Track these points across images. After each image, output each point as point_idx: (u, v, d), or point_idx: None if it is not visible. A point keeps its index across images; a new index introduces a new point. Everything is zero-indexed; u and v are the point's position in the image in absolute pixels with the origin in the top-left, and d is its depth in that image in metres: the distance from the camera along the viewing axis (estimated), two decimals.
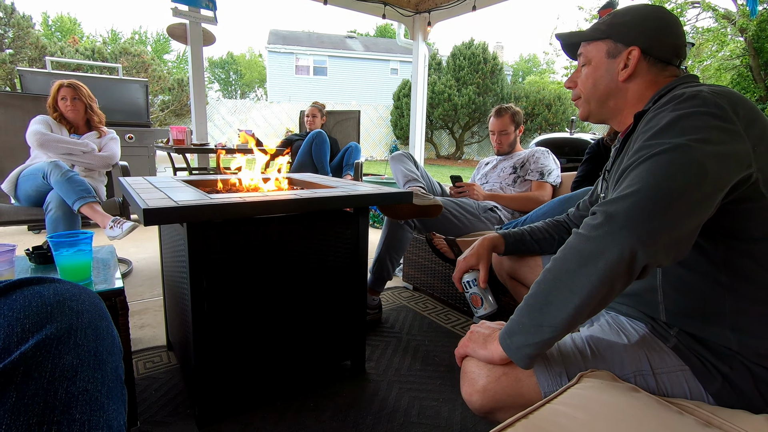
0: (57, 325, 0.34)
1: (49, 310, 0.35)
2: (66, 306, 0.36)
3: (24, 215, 2.05)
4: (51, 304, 0.35)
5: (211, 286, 1.09)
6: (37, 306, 0.34)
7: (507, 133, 2.14)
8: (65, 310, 0.36)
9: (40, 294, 0.36)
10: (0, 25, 11.28)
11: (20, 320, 0.33)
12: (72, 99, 2.24)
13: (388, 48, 20.59)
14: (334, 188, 1.37)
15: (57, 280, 0.40)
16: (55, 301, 0.36)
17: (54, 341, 0.33)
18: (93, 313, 0.38)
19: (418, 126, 4.52)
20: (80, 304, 0.38)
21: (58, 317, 0.35)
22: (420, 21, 4.36)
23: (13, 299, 0.34)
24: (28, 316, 0.33)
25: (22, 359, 0.31)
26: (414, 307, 2.03)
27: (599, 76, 0.84)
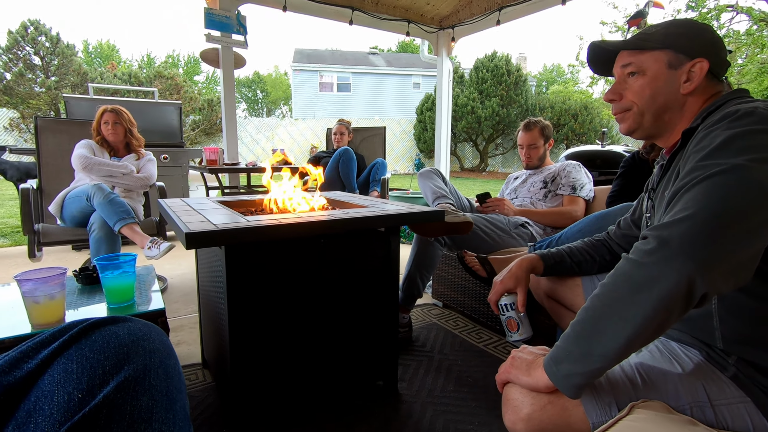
0: (133, 366, 0.35)
1: (125, 351, 0.36)
2: (140, 346, 0.38)
3: (69, 235, 2.15)
4: (127, 344, 0.37)
5: (248, 306, 1.11)
6: (114, 347, 0.36)
7: (536, 147, 2.11)
8: (139, 350, 0.37)
9: (116, 334, 0.37)
10: (46, 54, 12.04)
11: (101, 362, 0.34)
12: (113, 123, 2.36)
13: (411, 63, 20.80)
14: (366, 207, 1.38)
15: (129, 319, 0.41)
16: (130, 342, 0.37)
17: (131, 383, 0.34)
18: (163, 352, 0.39)
19: (444, 140, 4.52)
20: (152, 343, 0.39)
21: (134, 358, 0.36)
22: (444, 37, 4.39)
23: (93, 340, 0.36)
24: (107, 357, 0.34)
25: (105, 402, 0.32)
26: (444, 325, 2.00)
27: (658, 87, 0.80)
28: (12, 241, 3.88)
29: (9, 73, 11.71)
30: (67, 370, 0.33)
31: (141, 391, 0.34)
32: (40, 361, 0.35)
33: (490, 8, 3.81)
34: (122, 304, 1.09)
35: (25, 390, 0.33)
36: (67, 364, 0.34)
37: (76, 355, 0.34)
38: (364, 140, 3.77)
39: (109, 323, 0.39)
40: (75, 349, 0.35)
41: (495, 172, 15.25)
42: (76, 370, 0.33)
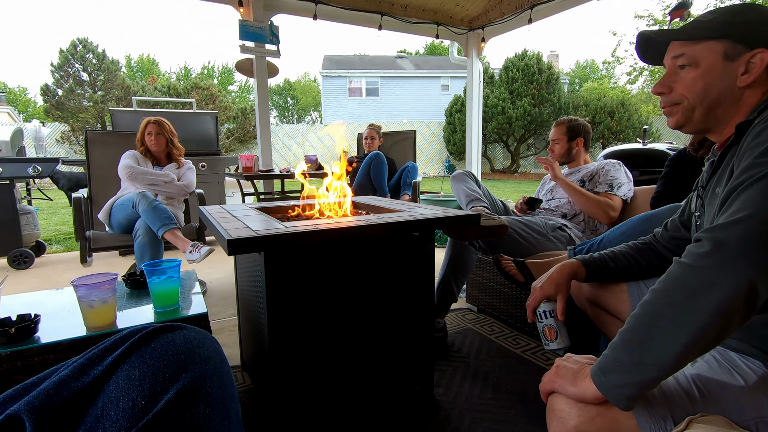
0: (191, 373, 0.36)
1: (182, 358, 0.37)
2: (195, 354, 0.39)
3: (117, 241, 2.26)
4: (183, 352, 0.38)
5: (287, 310, 1.13)
6: (172, 354, 0.37)
7: (558, 142, 2.09)
8: (195, 358, 0.38)
9: (173, 342, 0.39)
10: (93, 70, 12.79)
11: (160, 369, 0.35)
12: (156, 134, 2.47)
13: (439, 65, 20.71)
14: (400, 212, 1.38)
15: (184, 326, 0.43)
16: (186, 349, 0.38)
17: (190, 390, 0.35)
18: (217, 360, 0.41)
19: (475, 142, 4.46)
20: (206, 351, 0.40)
21: (191, 365, 0.37)
22: (473, 38, 4.35)
23: (152, 348, 0.38)
24: (166, 365, 0.36)
25: (166, 410, 0.33)
26: (480, 330, 1.96)
27: (712, 80, 0.76)
28: (65, 247, 4.13)
29: (61, 89, 12.51)
30: (130, 377, 0.35)
31: (198, 399, 0.35)
32: (105, 367, 0.36)
33: (521, 7, 3.74)
34: (168, 308, 1.14)
35: (93, 395, 0.35)
36: (129, 371, 0.35)
37: (137, 362, 0.36)
38: (395, 144, 3.77)
39: (166, 331, 0.40)
40: (136, 356, 0.36)
41: (527, 173, 14.91)
42: (138, 377, 0.34)
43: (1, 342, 0.93)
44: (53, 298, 1.30)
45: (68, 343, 0.97)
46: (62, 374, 0.36)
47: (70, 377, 0.36)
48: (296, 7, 3.45)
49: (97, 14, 57.73)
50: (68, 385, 0.35)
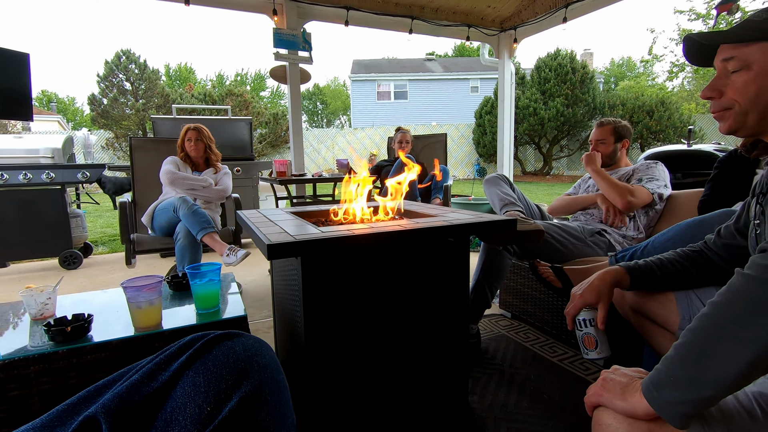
0: (251, 381, 0.37)
1: (242, 366, 0.38)
2: (254, 362, 0.40)
3: (159, 244, 2.36)
4: (243, 359, 0.39)
5: (322, 314, 1.14)
6: (233, 362, 0.38)
7: (604, 142, 1.99)
8: (254, 365, 0.39)
9: (233, 349, 0.40)
10: (136, 80, 13.43)
11: (223, 376, 0.36)
12: (195, 140, 2.56)
13: (468, 67, 20.52)
14: (434, 217, 1.37)
15: (242, 334, 0.44)
16: (245, 357, 0.40)
17: (251, 398, 0.36)
18: (273, 368, 0.42)
19: (506, 144, 4.39)
20: (264, 359, 0.41)
21: (251, 373, 0.38)
22: (505, 39, 4.29)
23: (214, 355, 0.39)
24: (228, 372, 0.37)
25: (231, 417, 0.34)
26: (514, 337, 1.92)
27: (766, 83, 0.72)
28: (110, 248, 4.34)
29: (106, 98, 13.21)
30: (196, 384, 0.36)
31: (259, 407, 0.36)
32: (172, 373, 0.38)
33: (555, 6, 3.66)
34: (209, 309, 1.17)
35: (162, 400, 0.37)
36: (194, 378, 0.37)
37: (201, 369, 0.37)
38: (425, 147, 3.76)
39: (226, 338, 0.41)
40: (200, 363, 0.38)
41: (560, 175, 14.52)
42: (203, 384, 0.36)
43: (58, 340, 0.99)
44: (102, 298, 1.37)
45: (118, 342, 1.01)
46: (133, 379, 0.38)
47: (141, 382, 0.37)
48: (328, 14, 3.50)
49: (140, 26, 60.66)
50: (139, 389, 0.37)
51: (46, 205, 3.44)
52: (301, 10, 3.39)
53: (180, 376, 0.38)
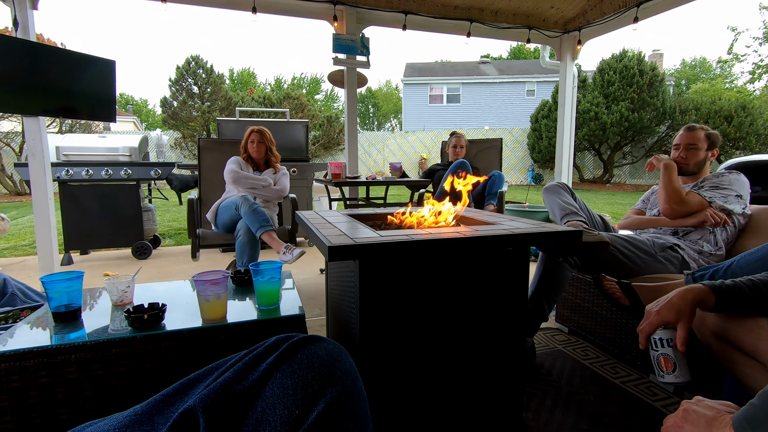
0: (336, 388, 0.38)
1: (327, 371, 0.39)
2: (337, 368, 0.41)
3: (221, 239, 2.49)
4: (326, 364, 0.40)
5: (378, 317, 1.15)
6: (318, 367, 0.39)
7: (696, 148, 1.82)
8: (337, 372, 0.40)
9: (316, 354, 0.41)
10: (202, 84, 14.32)
11: (309, 380, 0.38)
12: (258, 142, 2.68)
13: (525, 69, 19.93)
14: (493, 225, 1.34)
15: (323, 339, 0.45)
16: (328, 362, 0.41)
17: (336, 405, 0.37)
18: (353, 375, 0.42)
19: (566, 150, 4.21)
20: (344, 365, 0.42)
21: (335, 379, 0.39)
22: (568, 41, 4.11)
23: (300, 358, 0.40)
24: (314, 377, 0.38)
25: (319, 421, 0.35)
26: (572, 354, 1.83)
27: None
28: (175, 241, 4.65)
29: (176, 101, 14.19)
30: (284, 386, 0.37)
31: (343, 414, 0.36)
32: (261, 373, 0.40)
33: (625, 5, 3.46)
34: (269, 306, 1.22)
35: (252, 399, 0.38)
36: (283, 380, 0.38)
37: (288, 371, 0.38)
38: (480, 152, 3.69)
39: (309, 342, 0.43)
40: (287, 365, 0.39)
41: (621, 184, 13.68)
42: (291, 386, 0.37)
43: (136, 326, 1.07)
44: (170, 288, 1.47)
45: (188, 332, 1.08)
46: (226, 376, 0.40)
47: (233, 380, 0.39)
48: (387, 19, 3.54)
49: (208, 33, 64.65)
50: (232, 387, 0.39)
51: (123, 199, 3.75)
52: (360, 15, 3.45)
53: (269, 377, 0.39)
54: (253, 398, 0.38)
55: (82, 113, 3.44)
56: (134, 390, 1.06)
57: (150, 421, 0.39)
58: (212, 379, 0.41)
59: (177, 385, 0.43)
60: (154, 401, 0.42)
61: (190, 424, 0.37)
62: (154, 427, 0.39)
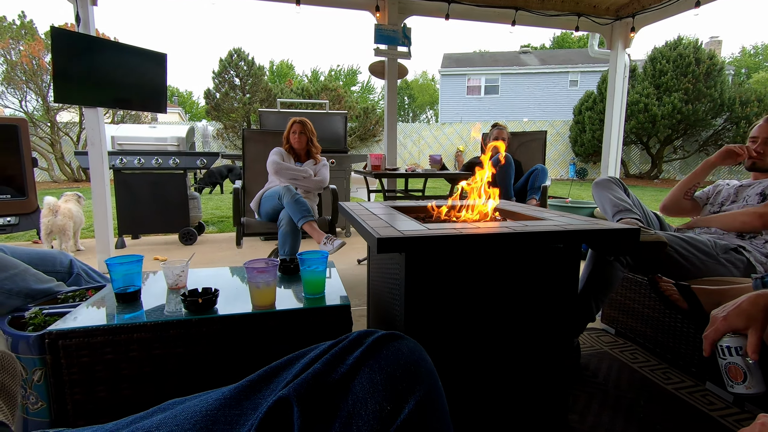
0: (423, 386, 0.38)
1: (412, 369, 0.39)
2: (421, 366, 0.41)
3: (264, 228, 2.56)
4: (412, 362, 0.40)
5: (423, 311, 1.14)
6: (404, 364, 0.39)
7: None
8: (421, 371, 0.40)
9: (400, 351, 0.41)
10: (244, 76, 14.69)
11: (397, 377, 0.38)
12: (300, 133, 2.73)
13: (568, 59, 19.16)
14: (542, 220, 1.30)
15: (403, 336, 0.45)
16: (413, 360, 0.41)
17: (424, 403, 0.37)
18: (434, 373, 0.42)
19: (614, 144, 4.02)
20: (427, 364, 0.42)
21: (421, 377, 0.39)
22: (620, 28, 3.90)
23: (385, 355, 0.40)
24: (402, 374, 0.38)
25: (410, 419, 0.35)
26: (619, 356, 1.76)
27: None
28: (218, 228, 4.83)
29: (218, 93, 14.64)
30: (373, 381, 0.38)
31: (431, 412, 0.36)
32: (349, 367, 0.40)
33: None
34: (316, 295, 1.24)
35: (343, 391, 0.39)
36: (371, 375, 0.38)
37: (377, 366, 0.39)
38: (522, 145, 3.59)
39: (392, 339, 0.43)
40: (374, 361, 0.39)
41: (671, 180, 12.96)
42: (380, 382, 0.37)
43: (191, 309, 1.12)
44: (218, 275, 1.52)
45: (239, 317, 1.11)
46: (316, 368, 0.41)
47: (323, 372, 0.40)
48: (429, 9, 3.48)
49: (250, 25, 66.14)
50: (322, 378, 0.40)
51: (171, 187, 3.93)
52: (402, 5, 3.41)
53: (357, 371, 0.40)
54: (343, 391, 0.39)
55: (134, 104, 3.61)
56: (189, 370, 1.10)
57: (239, 406, 0.41)
58: (299, 368, 0.42)
59: (262, 372, 0.44)
60: (242, 386, 0.43)
61: (283, 412, 0.38)
62: (243, 412, 0.40)
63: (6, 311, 1.22)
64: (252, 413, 0.39)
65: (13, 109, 11.50)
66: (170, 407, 0.44)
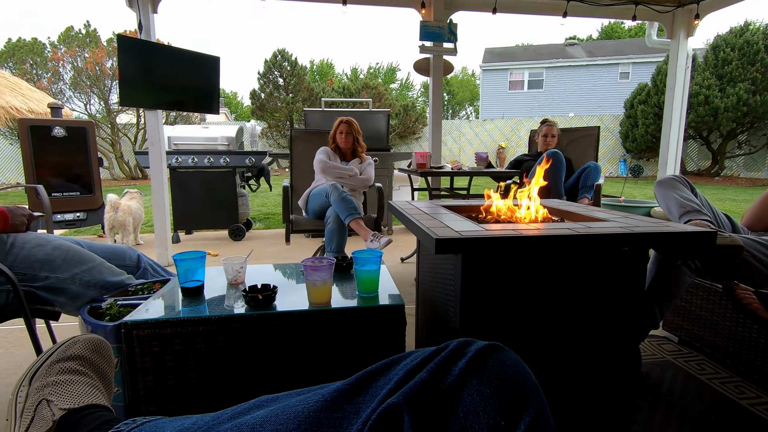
0: (535, 401, 0.37)
1: (520, 383, 0.39)
2: (528, 380, 0.40)
3: (311, 225, 2.61)
4: (519, 376, 0.39)
5: (479, 314, 1.12)
6: (512, 377, 0.39)
7: None
8: (529, 384, 0.39)
9: (506, 363, 0.40)
10: (287, 76, 15.06)
11: (507, 392, 0.37)
12: (346, 133, 2.76)
13: (618, 50, 18.21)
14: (606, 221, 1.24)
15: (503, 347, 0.45)
16: (520, 373, 0.40)
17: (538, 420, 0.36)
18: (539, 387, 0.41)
19: (674, 139, 3.78)
20: (532, 378, 0.41)
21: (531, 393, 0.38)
22: (683, 15, 3.66)
23: (491, 367, 0.40)
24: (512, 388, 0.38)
25: None
26: (684, 366, 1.65)
27: None
28: (264, 225, 4.98)
29: (263, 93, 15.10)
30: (483, 394, 0.37)
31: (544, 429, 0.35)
32: (456, 377, 0.40)
33: None
34: (370, 294, 1.25)
35: (452, 403, 0.39)
36: (480, 387, 0.38)
37: (485, 379, 0.38)
38: (572, 142, 3.44)
39: (495, 350, 0.42)
40: (481, 373, 0.39)
41: (734, 177, 12.03)
42: (491, 395, 0.37)
43: (252, 305, 1.16)
44: (270, 271, 1.57)
45: (297, 313, 1.14)
46: (422, 377, 0.41)
47: (430, 381, 0.40)
48: (476, 3, 3.41)
49: (293, 26, 67.70)
50: (430, 387, 0.40)
51: (221, 185, 4.09)
52: (448, 0, 3.36)
53: (464, 382, 0.39)
54: (452, 402, 0.39)
55: (188, 106, 3.78)
56: (250, 363, 1.14)
57: (340, 409, 0.41)
58: (401, 376, 0.42)
59: (358, 377, 0.45)
60: (340, 390, 0.44)
61: (393, 419, 0.38)
62: (345, 415, 0.41)
63: (84, 302, 1.31)
64: (354, 417, 0.39)
65: (78, 112, 12.42)
66: (265, 404, 0.45)
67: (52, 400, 0.58)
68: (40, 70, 13.32)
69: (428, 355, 0.43)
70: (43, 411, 0.56)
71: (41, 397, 0.59)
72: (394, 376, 0.42)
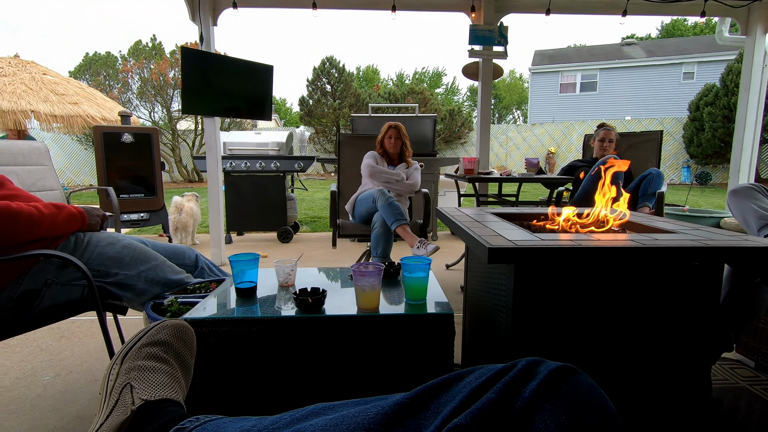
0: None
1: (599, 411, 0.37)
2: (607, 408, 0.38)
3: (358, 230, 2.64)
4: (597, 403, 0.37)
5: (531, 327, 1.08)
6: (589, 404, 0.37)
7: None
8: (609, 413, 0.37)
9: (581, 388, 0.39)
10: (335, 83, 15.40)
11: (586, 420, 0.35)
12: (395, 138, 2.77)
13: (681, 49, 17.07)
14: (673, 233, 1.15)
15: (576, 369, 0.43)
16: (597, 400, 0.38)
17: None
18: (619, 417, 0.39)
19: (748, 144, 3.47)
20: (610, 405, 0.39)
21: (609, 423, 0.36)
22: (760, 9, 3.36)
23: (567, 392, 0.38)
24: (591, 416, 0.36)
25: None
26: (761, 395, 1.50)
27: None
28: (311, 228, 5.10)
29: (312, 99, 15.54)
30: (558, 420, 0.36)
31: None
32: (527, 400, 0.39)
33: None
34: (418, 301, 1.23)
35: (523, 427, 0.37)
36: (555, 414, 0.36)
37: (559, 404, 0.37)
38: (631, 147, 3.25)
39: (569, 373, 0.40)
40: (555, 398, 0.37)
41: None
42: (568, 424, 0.35)
43: (302, 308, 1.18)
44: (317, 274, 1.59)
45: (345, 318, 1.15)
46: (490, 397, 0.40)
47: (498, 402, 0.39)
48: (528, 5, 3.32)
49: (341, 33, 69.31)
50: (500, 409, 0.38)
51: (272, 189, 4.24)
52: (499, 3, 3.30)
53: (537, 406, 0.38)
54: (524, 426, 0.37)
55: (242, 112, 3.96)
56: (298, 366, 1.16)
57: (401, 424, 0.41)
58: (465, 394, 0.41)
59: (419, 391, 0.44)
60: (401, 404, 0.43)
61: None
62: (407, 431, 0.40)
63: (148, 298, 1.40)
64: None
65: (144, 120, 13.38)
66: (322, 412, 0.45)
67: (135, 387, 0.62)
68: (112, 81, 14.52)
69: (495, 373, 0.41)
70: (126, 397, 0.61)
71: (127, 380, 0.63)
72: (457, 393, 0.41)
